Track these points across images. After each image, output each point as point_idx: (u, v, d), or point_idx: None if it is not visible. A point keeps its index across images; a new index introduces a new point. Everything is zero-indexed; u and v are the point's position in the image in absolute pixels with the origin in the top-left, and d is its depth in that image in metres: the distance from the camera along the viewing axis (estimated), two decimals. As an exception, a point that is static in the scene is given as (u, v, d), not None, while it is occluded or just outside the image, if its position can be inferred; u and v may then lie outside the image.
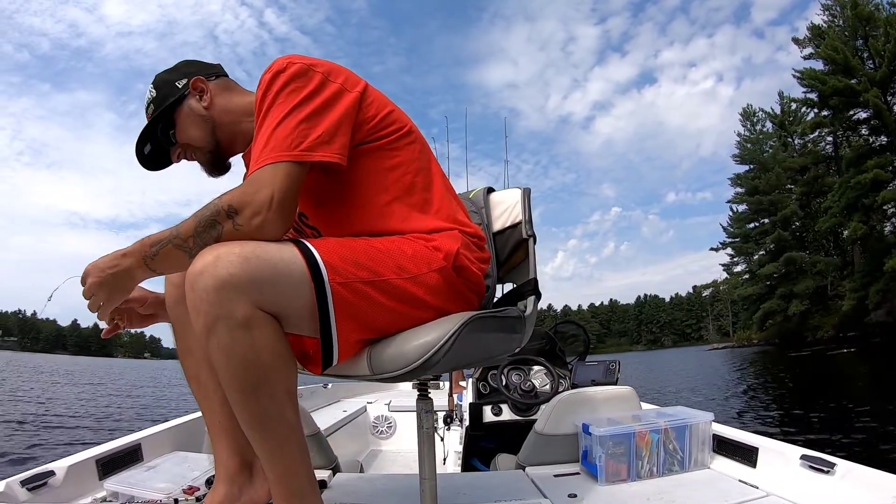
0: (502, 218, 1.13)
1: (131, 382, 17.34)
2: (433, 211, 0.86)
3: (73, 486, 1.08)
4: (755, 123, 37.24)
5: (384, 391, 3.61)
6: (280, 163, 0.70)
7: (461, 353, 0.75)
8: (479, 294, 0.90)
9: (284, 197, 0.69)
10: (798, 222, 33.36)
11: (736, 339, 45.70)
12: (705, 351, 44.93)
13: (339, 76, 0.80)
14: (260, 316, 0.65)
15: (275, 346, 0.66)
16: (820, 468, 1.03)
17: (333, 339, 0.69)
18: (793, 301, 30.82)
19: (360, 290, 0.70)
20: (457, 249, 0.80)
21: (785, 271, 31.87)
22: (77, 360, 60.26)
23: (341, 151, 0.75)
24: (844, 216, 25.79)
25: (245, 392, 0.66)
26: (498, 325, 0.86)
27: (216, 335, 0.64)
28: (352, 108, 0.78)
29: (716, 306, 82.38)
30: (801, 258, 31.19)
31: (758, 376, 12.29)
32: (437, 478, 0.94)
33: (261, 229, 0.68)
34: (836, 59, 25.37)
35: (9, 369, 20.16)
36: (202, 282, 0.63)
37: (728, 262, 38.95)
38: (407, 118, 0.89)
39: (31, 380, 15.77)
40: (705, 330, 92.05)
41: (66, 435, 5.56)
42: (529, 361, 1.98)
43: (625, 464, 1.22)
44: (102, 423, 6.62)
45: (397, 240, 0.79)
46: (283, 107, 0.74)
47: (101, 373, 23.55)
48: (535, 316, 0.98)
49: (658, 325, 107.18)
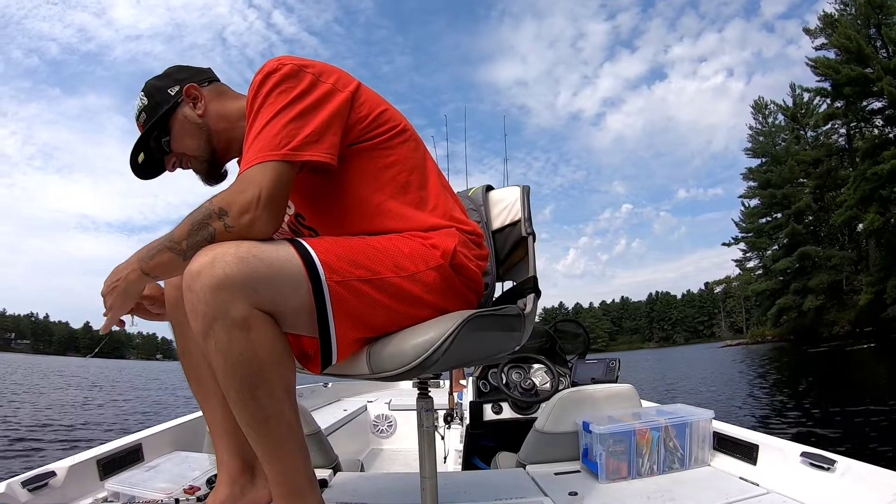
0: (502, 216, 1.12)
1: (141, 384, 17.51)
2: (430, 208, 0.86)
3: (74, 486, 1.09)
4: (767, 116, 36.66)
5: (384, 390, 3.62)
6: (268, 162, 0.70)
7: (460, 352, 0.74)
8: (477, 292, 0.89)
9: (272, 195, 0.69)
10: (811, 216, 32.75)
11: (749, 336, 44.99)
12: (718, 348, 44.14)
13: (330, 76, 0.80)
14: (257, 316, 0.65)
15: (273, 346, 0.66)
16: (820, 465, 1.03)
17: (332, 338, 0.69)
18: (808, 296, 30.24)
19: (357, 288, 0.70)
20: (454, 247, 0.79)
21: (799, 266, 31.29)
22: (89, 362, 61.15)
23: (331, 151, 0.75)
24: (860, 209, 25.28)
25: (243, 392, 0.66)
26: (497, 324, 0.85)
27: (214, 335, 0.64)
28: (342, 108, 0.78)
29: (728, 303, 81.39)
30: (816, 252, 30.56)
31: (778, 373, 12.02)
32: (437, 476, 0.94)
33: (250, 228, 0.68)
34: (850, 47, 24.89)
35: (18, 373, 20.23)
36: (199, 282, 0.63)
37: (741, 258, 38.56)
38: (401, 117, 0.89)
39: (40, 381, 15.95)
40: (717, 327, 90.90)
41: (66, 436, 5.61)
42: (530, 360, 1.98)
43: (625, 462, 1.21)
44: (103, 424, 6.68)
45: (394, 238, 0.79)
46: (272, 107, 0.74)
47: (113, 375, 23.77)
48: (535, 314, 0.98)
49: (670, 322, 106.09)
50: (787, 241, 32.24)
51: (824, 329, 28.59)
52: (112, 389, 14.10)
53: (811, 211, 32.15)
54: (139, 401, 10.84)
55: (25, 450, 4.67)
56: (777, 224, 33.63)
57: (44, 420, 6.74)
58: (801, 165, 31.59)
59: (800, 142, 33.39)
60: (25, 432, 5.74)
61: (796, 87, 34.05)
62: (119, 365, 52.89)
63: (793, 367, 13.67)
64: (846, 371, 11.06)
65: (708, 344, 72.42)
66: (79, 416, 7.40)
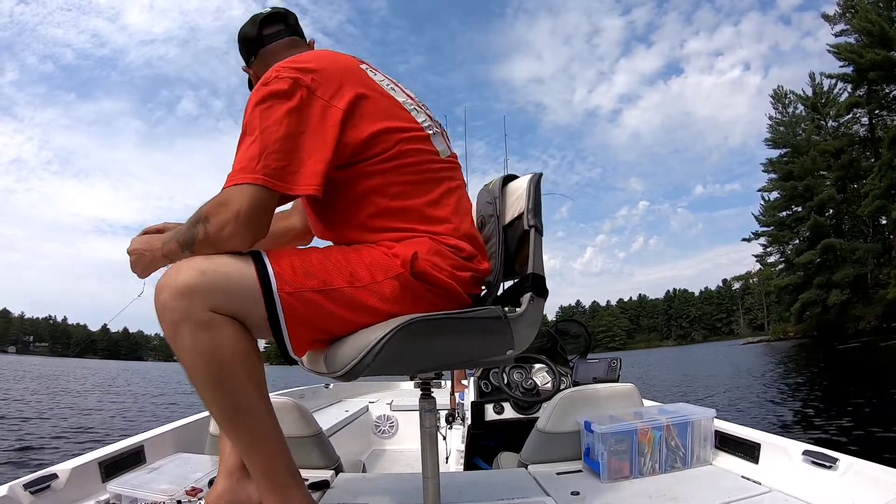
0: (513, 208, 1.06)
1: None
2: (406, 218, 0.86)
3: (76, 488, 1.10)
4: (787, 106, 35.73)
5: (386, 391, 3.63)
6: (245, 185, 0.72)
7: (406, 357, 0.78)
8: (454, 298, 0.85)
9: (249, 217, 0.72)
10: (833, 208, 31.81)
11: (771, 333, 43.99)
12: (740, 345, 43.09)
13: (328, 87, 0.79)
14: (218, 318, 0.69)
15: (236, 344, 0.71)
16: (822, 463, 1.02)
17: (285, 341, 0.74)
18: (832, 291, 29.36)
19: (309, 298, 0.73)
20: (413, 255, 0.79)
21: (822, 259, 30.42)
22: (106, 364, 62.13)
23: (312, 181, 0.76)
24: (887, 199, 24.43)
25: (211, 388, 0.71)
26: (460, 328, 0.82)
27: (180, 338, 0.69)
28: (332, 129, 0.78)
29: (746, 299, 79.67)
30: (840, 245, 29.65)
31: (808, 372, 11.48)
32: (439, 477, 0.93)
33: (226, 241, 0.73)
34: (872, 30, 24.21)
35: (25, 376, 20.35)
36: (164, 292, 0.69)
37: (761, 253, 37.73)
38: (404, 129, 0.86)
39: (53, 384, 16.18)
40: (736, 324, 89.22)
41: (68, 436, 5.68)
42: (531, 359, 1.97)
43: (627, 461, 1.21)
44: (108, 425, 6.72)
45: (363, 248, 0.81)
46: (261, 122, 0.75)
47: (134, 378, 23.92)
48: (536, 315, 0.91)
49: (688, 320, 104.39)
50: (810, 233, 31.39)
51: (850, 325, 27.68)
52: (122, 391, 14.27)
53: (834, 203, 31.25)
54: (148, 401, 10.91)
55: (26, 451, 4.73)
56: (799, 217, 32.78)
57: (47, 421, 6.80)
58: (822, 156, 30.71)
59: (820, 132, 32.50)
60: (26, 433, 5.82)
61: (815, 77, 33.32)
62: (138, 367, 53.86)
63: (825, 364, 13.12)
64: (886, 367, 10.55)
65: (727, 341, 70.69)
66: (85, 419, 7.42)
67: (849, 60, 26.19)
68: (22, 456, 4.57)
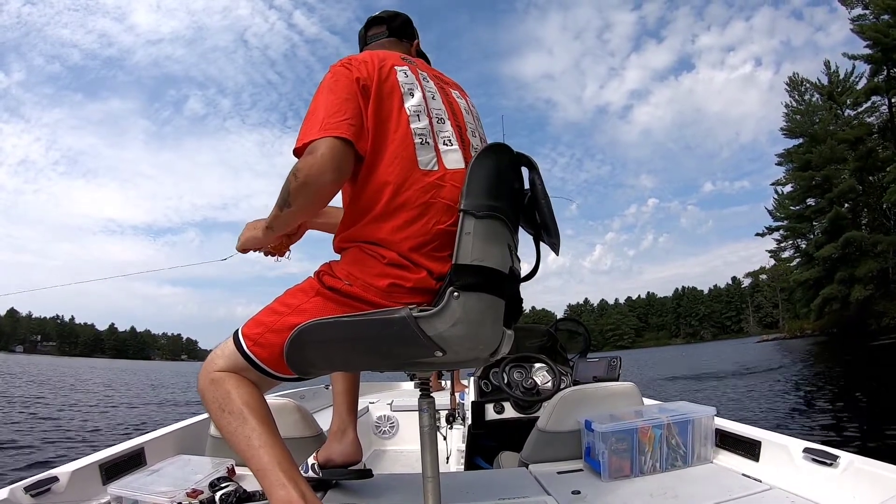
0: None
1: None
2: (353, 226, 0.93)
3: (76, 491, 1.12)
4: (803, 94, 34.68)
5: (386, 391, 3.63)
6: (321, 139, 0.86)
7: (312, 358, 0.88)
8: (375, 305, 0.85)
9: (332, 156, 0.85)
10: (852, 199, 30.83)
11: (787, 330, 43.09)
12: (753, 343, 41.95)
13: (361, 73, 0.94)
14: (223, 375, 0.93)
15: (238, 392, 0.92)
16: (823, 461, 1.01)
17: (265, 369, 0.92)
18: (854, 286, 28.24)
19: (265, 340, 0.91)
20: (320, 273, 0.93)
21: (843, 253, 29.27)
22: (114, 364, 62.29)
23: (341, 127, 0.87)
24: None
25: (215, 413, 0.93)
26: (358, 329, 0.82)
27: (205, 399, 0.94)
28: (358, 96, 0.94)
29: (756, 297, 78.39)
30: (862, 237, 28.57)
31: (847, 372, 10.50)
32: (440, 476, 0.94)
33: (318, 177, 0.85)
34: (894, 5, 23.42)
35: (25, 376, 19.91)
36: (199, 384, 0.96)
37: (775, 248, 36.84)
38: (381, 136, 0.91)
39: (59, 382, 16.24)
40: (745, 322, 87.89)
41: (68, 438, 5.70)
42: (531, 359, 1.96)
43: (628, 460, 1.21)
44: (106, 427, 6.74)
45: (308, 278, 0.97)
46: (319, 101, 0.92)
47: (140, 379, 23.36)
48: (465, 312, 0.79)
49: (697, 318, 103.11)
50: (829, 226, 30.34)
51: (872, 321, 26.58)
52: (126, 391, 14.20)
53: (854, 194, 30.31)
54: (152, 402, 10.79)
55: (27, 454, 4.74)
56: (819, 208, 31.71)
57: (49, 423, 6.83)
58: (840, 146, 29.72)
59: (837, 121, 31.53)
60: (26, 433, 5.86)
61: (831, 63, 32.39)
62: (144, 367, 53.79)
63: (854, 361, 12.11)
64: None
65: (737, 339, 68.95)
66: (88, 420, 7.46)
67: (873, 40, 25.35)
68: (22, 456, 4.59)
